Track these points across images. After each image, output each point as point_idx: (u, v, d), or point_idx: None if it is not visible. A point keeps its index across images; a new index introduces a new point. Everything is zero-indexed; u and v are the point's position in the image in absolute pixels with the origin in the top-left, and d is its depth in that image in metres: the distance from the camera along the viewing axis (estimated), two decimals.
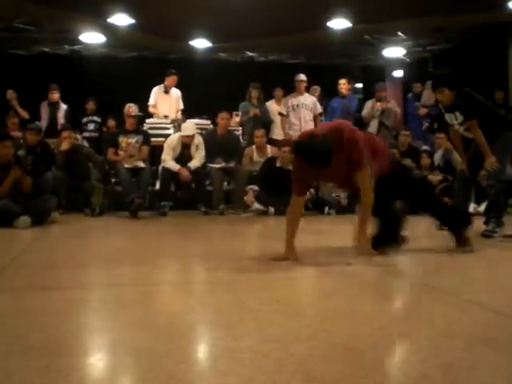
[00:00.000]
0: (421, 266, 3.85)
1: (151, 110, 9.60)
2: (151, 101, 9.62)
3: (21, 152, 7.14)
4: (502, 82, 11.20)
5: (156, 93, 9.66)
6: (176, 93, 9.70)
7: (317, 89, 10.56)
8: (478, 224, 5.30)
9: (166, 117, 9.41)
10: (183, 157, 8.06)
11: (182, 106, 9.73)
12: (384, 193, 4.19)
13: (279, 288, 3.10)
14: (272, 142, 9.10)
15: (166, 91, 9.61)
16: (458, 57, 11.76)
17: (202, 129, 9.02)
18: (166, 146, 8.14)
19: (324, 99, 10.45)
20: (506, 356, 1.88)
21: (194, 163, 8.02)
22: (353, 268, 3.72)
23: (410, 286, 3.26)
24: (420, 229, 6.81)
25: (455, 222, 4.39)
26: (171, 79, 9.58)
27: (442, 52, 13.31)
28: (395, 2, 10.03)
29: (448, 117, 5.50)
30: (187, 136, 8.10)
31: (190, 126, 8.41)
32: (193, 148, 8.13)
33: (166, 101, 9.62)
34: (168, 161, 7.99)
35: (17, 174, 6.44)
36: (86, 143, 9.48)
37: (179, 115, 9.59)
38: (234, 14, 10.37)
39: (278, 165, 8.20)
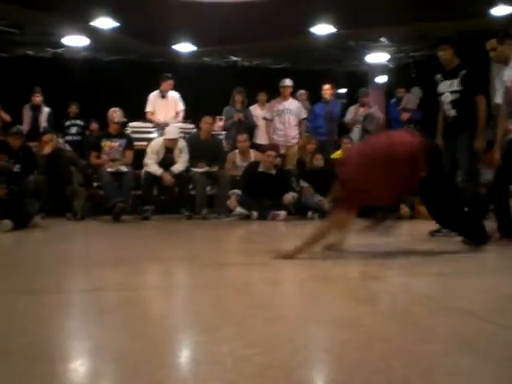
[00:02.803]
0: (401, 271, 3.86)
1: (149, 117, 9.56)
2: (148, 108, 9.59)
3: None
4: (484, 87, 11.27)
5: (153, 99, 9.63)
6: (173, 96, 9.68)
7: (303, 93, 10.58)
8: None
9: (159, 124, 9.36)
10: (166, 161, 8.04)
11: (182, 107, 9.70)
12: None
13: (261, 292, 3.11)
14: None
15: (163, 96, 9.59)
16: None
17: (185, 133, 9.01)
18: (148, 150, 8.11)
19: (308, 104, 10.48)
20: (486, 360, 1.90)
21: (178, 167, 8.01)
22: (335, 272, 3.73)
23: (391, 290, 3.28)
24: (404, 232, 6.85)
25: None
26: (167, 84, 9.57)
27: (425, 58, 13.41)
28: (379, 8, 10.09)
29: (443, 85, 5.59)
30: (170, 139, 8.08)
31: (174, 129, 8.40)
32: (176, 152, 8.11)
33: (163, 106, 9.60)
34: (151, 165, 7.96)
35: (1, 193, 6.41)
36: (68, 147, 9.43)
37: (180, 117, 9.58)
38: (217, 18, 10.38)
39: (260, 169, 8.21)
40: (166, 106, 9.61)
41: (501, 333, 2.27)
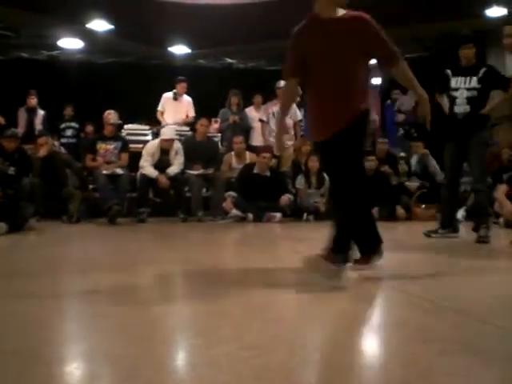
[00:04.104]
0: (397, 271, 3.86)
1: (159, 116, 9.64)
2: (159, 107, 9.66)
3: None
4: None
5: (165, 99, 9.67)
6: (187, 100, 9.69)
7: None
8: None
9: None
10: (162, 163, 8.04)
11: (193, 113, 9.69)
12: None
13: (257, 294, 3.10)
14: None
15: (175, 98, 9.61)
16: (436, 65, 11.85)
17: (180, 135, 9.01)
18: (144, 152, 8.10)
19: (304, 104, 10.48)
20: (484, 361, 1.90)
21: (173, 169, 8.00)
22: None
23: (387, 291, 3.28)
24: (400, 234, 6.86)
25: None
26: (180, 86, 9.60)
27: (420, 60, 13.43)
28: (373, 10, 10.10)
29: (455, 81, 5.59)
30: (166, 140, 8.08)
31: (170, 130, 8.41)
32: (172, 153, 8.11)
33: (174, 107, 9.62)
34: (146, 167, 7.95)
35: None
36: (63, 149, 9.41)
37: (188, 121, 9.61)
38: (212, 20, 10.38)
39: (255, 171, 8.21)
40: (178, 108, 9.63)
41: (498, 333, 2.27)
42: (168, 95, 9.67)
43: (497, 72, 5.65)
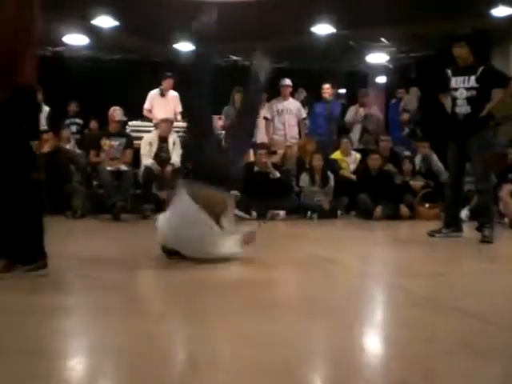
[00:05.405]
0: (399, 271, 3.86)
1: (146, 114, 9.64)
2: (146, 105, 9.66)
3: None
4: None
5: (152, 96, 9.68)
6: (174, 95, 9.70)
7: (302, 91, 10.60)
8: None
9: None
10: (161, 151, 8.10)
11: (180, 109, 9.71)
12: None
13: (260, 291, 3.10)
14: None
15: (162, 94, 9.63)
16: (441, 63, 11.81)
17: (183, 131, 9.02)
18: (142, 144, 8.19)
19: (309, 103, 10.48)
20: (486, 362, 1.89)
21: (176, 160, 8.05)
22: (333, 272, 3.73)
23: (391, 292, 3.27)
24: (403, 233, 6.85)
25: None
26: (167, 82, 9.61)
27: (425, 58, 13.39)
28: (379, 8, 10.08)
29: (455, 80, 5.55)
30: (164, 120, 8.32)
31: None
32: (170, 141, 8.18)
33: (162, 104, 9.62)
34: (144, 156, 8.07)
35: None
36: (76, 148, 9.50)
37: (179, 118, 9.61)
38: (217, 17, 10.36)
39: (256, 169, 8.19)
40: (166, 104, 9.63)
41: (500, 333, 2.27)
42: (155, 92, 9.69)
43: (495, 70, 5.61)
